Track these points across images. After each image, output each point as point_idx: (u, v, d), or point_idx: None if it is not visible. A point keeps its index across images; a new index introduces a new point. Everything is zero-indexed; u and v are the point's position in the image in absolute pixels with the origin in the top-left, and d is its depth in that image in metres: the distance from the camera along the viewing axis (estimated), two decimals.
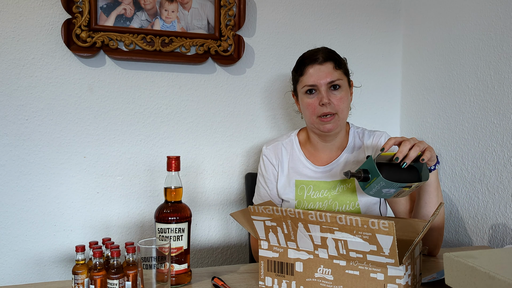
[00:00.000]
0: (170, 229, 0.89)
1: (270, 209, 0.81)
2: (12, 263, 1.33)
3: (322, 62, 1.13)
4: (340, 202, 1.16)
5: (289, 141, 1.26)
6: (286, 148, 1.25)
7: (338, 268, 0.80)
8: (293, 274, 0.84)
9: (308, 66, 1.14)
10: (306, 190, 1.19)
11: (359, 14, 1.66)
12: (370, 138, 1.22)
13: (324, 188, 1.18)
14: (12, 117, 1.31)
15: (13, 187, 1.32)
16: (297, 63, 1.19)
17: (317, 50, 1.17)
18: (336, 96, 1.13)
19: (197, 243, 1.52)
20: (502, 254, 0.77)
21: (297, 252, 0.84)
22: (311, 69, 1.14)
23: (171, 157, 0.92)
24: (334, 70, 1.13)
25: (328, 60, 1.13)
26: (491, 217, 1.29)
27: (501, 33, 1.26)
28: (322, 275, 0.81)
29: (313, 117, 1.15)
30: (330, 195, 1.17)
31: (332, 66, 1.13)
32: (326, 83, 1.12)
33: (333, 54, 1.16)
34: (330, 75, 1.12)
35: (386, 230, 0.71)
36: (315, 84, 1.13)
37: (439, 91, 1.51)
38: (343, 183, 1.18)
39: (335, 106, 1.12)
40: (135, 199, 1.44)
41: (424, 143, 0.95)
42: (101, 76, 1.39)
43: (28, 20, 1.31)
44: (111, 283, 0.82)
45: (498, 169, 1.27)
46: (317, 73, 1.13)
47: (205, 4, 1.44)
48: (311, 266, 0.82)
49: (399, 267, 0.74)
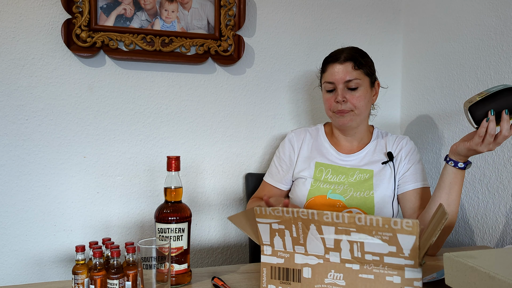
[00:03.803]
0: (170, 229, 0.89)
1: (279, 211, 0.76)
2: (12, 263, 1.33)
3: (343, 61, 1.19)
4: (356, 189, 1.20)
5: (315, 129, 1.34)
6: (311, 134, 1.33)
7: (350, 272, 0.76)
8: (300, 281, 0.80)
9: (329, 64, 1.21)
10: (325, 173, 1.24)
11: (359, 14, 1.66)
12: (393, 138, 1.28)
13: (342, 173, 1.23)
14: (12, 117, 1.31)
15: (13, 187, 1.32)
16: (323, 61, 1.27)
17: (343, 49, 1.23)
18: (353, 95, 1.19)
19: (197, 243, 1.52)
20: (502, 254, 0.77)
21: (305, 257, 0.79)
22: (331, 67, 1.21)
23: (171, 157, 0.92)
24: (353, 69, 1.18)
25: (348, 60, 1.19)
26: (491, 217, 1.29)
27: (501, 33, 1.26)
28: (333, 280, 0.77)
29: (329, 112, 1.24)
30: (347, 181, 1.21)
31: (351, 65, 1.18)
32: (342, 82, 1.18)
33: (356, 55, 1.21)
34: (348, 74, 1.18)
35: (410, 230, 0.68)
36: (332, 82, 1.20)
37: (439, 91, 1.51)
38: (362, 173, 1.22)
39: (351, 104, 1.19)
40: (135, 199, 1.44)
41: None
42: (101, 76, 1.39)
43: (28, 20, 1.31)
44: (111, 283, 0.82)
45: (498, 169, 1.27)
46: (335, 72, 1.19)
47: (205, 4, 1.44)
48: (321, 271, 0.78)
49: (417, 269, 0.72)
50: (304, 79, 1.61)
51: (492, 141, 0.95)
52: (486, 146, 0.96)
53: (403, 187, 1.21)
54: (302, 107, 1.62)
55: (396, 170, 1.22)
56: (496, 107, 0.93)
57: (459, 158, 1.04)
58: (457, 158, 1.04)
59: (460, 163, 1.04)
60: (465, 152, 1.01)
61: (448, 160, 1.05)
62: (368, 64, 1.22)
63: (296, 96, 1.60)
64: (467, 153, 1.01)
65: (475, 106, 0.95)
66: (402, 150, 1.24)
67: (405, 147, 1.25)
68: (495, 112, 0.93)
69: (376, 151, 1.26)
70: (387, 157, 1.23)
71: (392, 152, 1.24)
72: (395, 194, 1.21)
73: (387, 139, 1.28)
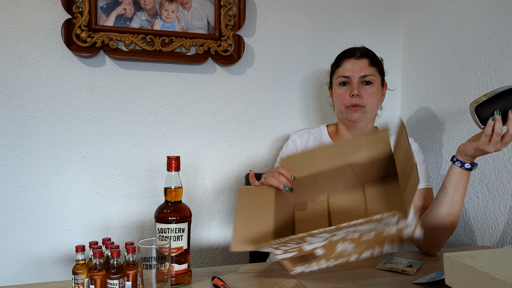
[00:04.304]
0: (170, 229, 0.89)
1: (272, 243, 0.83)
2: (12, 263, 1.33)
3: (359, 57, 1.22)
4: None
5: (318, 130, 1.35)
6: (314, 135, 1.34)
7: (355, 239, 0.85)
8: (317, 258, 0.89)
9: (345, 60, 1.24)
10: None
11: (359, 14, 1.66)
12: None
13: None
14: (12, 117, 1.31)
15: (13, 187, 1.32)
16: (336, 57, 1.28)
17: (357, 47, 1.26)
18: (367, 91, 1.21)
19: (197, 243, 1.52)
20: (502, 254, 0.78)
21: (311, 245, 0.86)
22: (347, 62, 1.23)
23: (171, 157, 0.92)
24: (369, 66, 1.21)
25: (364, 56, 1.22)
26: (491, 217, 1.29)
27: (501, 33, 1.26)
28: (343, 247, 0.87)
29: (342, 107, 1.23)
30: None
31: (367, 62, 1.21)
32: (359, 76, 1.20)
33: (371, 53, 1.24)
34: (364, 70, 1.20)
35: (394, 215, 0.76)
36: (348, 76, 1.21)
37: (439, 91, 1.51)
38: None
39: (365, 99, 1.20)
40: (135, 199, 1.44)
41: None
42: (101, 76, 1.39)
43: (28, 20, 1.31)
44: (111, 283, 0.81)
45: (498, 169, 1.27)
46: (352, 66, 1.21)
47: (205, 4, 1.44)
48: (331, 246, 0.86)
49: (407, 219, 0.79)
50: (304, 79, 1.61)
51: (499, 141, 0.95)
52: (493, 145, 0.96)
53: None
54: (302, 107, 1.62)
55: None
56: (502, 107, 0.94)
57: (466, 159, 1.03)
58: (464, 158, 1.03)
59: (467, 164, 1.03)
60: (472, 152, 1.01)
61: (455, 160, 1.05)
62: (381, 64, 1.26)
63: (296, 96, 1.60)
64: (474, 153, 1.00)
65: (481, 106, 0.96)
66: None
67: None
68: (501, 112, 0.94)
69: None
70: None
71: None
72: None
73: (391, 139, 1.28)
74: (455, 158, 1.05)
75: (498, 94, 0.95)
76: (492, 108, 0.95)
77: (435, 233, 1.09)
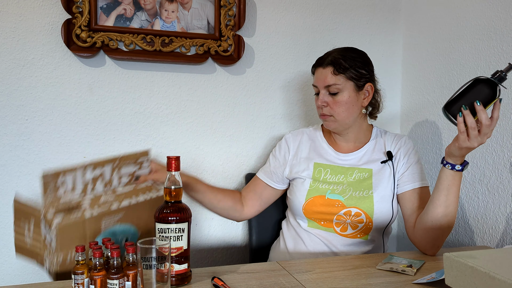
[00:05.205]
0: (170, 229, 0.89)
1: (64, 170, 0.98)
2: (12, 263, 1.33)
3: (325, 66, 1.19)
4: (355, 188, 1.20)
5: (312, 130, 1.35)
6: (308, 135, 1.33)
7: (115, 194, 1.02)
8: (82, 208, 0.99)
9: (316, 68, 1.23)
10: (324, 173, 1.24)
11: (359, 14, 1.66)
12: (392, 137, 1.28)
13: (341, 173, 1.23)
14: (12, 117, 1.31)
15: (13, 187, 1.32)
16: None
17: (330, 52, 1.22)
18: (332, 100, 1.19)
19: (197, 243, 1.52)
20: (502, 254, 0.78)
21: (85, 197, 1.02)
22: (316, 71, 1.23)
23: (171, 157, 0.92)
24: (333, 75, 1.17)
25: (330, 64, 1.18)
26: (491, 217, 1.29)
27: (501, 33, 1.26)
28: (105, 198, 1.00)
29: (318, 114, 1.24)
30: (346, 180, 1.22)
31: (331, 70, 1.17)
32: (323, 87, 1.19)
33: (340, 59, 1.17)
34: (327, 80, 1.18)
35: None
36: (316, 86, 1.22)
37: (439, 91, 1.51)
38: (361, 172, 1.22)
39: (330, 109, 1.19)
40: None
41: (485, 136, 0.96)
42: (101, 76, 1.39)
43: (28, 20, 1.31)
44: (111, 283, 0.82)
45: (498, 169, 1.27)
46: (319, 76, 1.21)
47: (205, 4, 1.44)
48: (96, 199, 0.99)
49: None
50: (304, 79, 1.61)
51: (478, 134, 0.94)
52: (474, 140, 0.95)
53: (402, 187, 1.20)
54: (303, 107, 1.62)
55: (395, 169, 1.22)
56: (468, 102, 0.95)
57: (455, 160, 1.02)
58: (453, 160, 1.03)
59: (457, 166, 1.03)
60: (458, 152, 0.99)
61: (445, 163, 1.04)
62: (355, 67, 1.17)
63: (296, 96, 1.60)
64: (460, 152, 0.99)
65: (449, 106, 0.98)
66: (401, 149, 1.24)
67: (403, 146, 1.24)
68: (469, 106, 0.95)
69: (376, 150, 1.26)
70: (386, 156, 1.23)
71: (391, 151, 1.23)
72: (394, 194, 1.21)
73: (386, 138, 1.28)
74: (445, 161, 1.04)
75: (463, 90, 0.96)
76: (459, 105, 0.96)
77: (432, 234, 1.09)
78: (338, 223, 1.19)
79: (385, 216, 1.19)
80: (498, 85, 0.94)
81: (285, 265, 1.04)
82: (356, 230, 1.19)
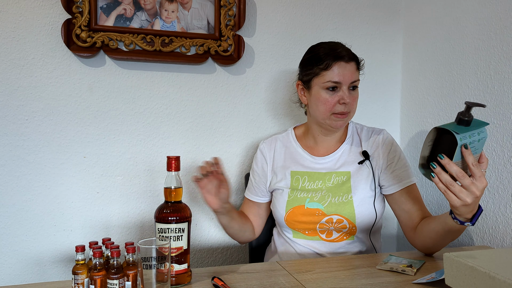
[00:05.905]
0: (170, 229, 0.89)
1: None
2: (12, 263, 1.33)
3: (348, 60, 1.12)
4: (334, 194, 1.17)
5: (285, 135, 1.31)
6: (282, 141, 1.29)
7: None
8: None
9: (334, 62, 1.11)
10: (301, 181, 1.21)
11: (359, 14, 1.66)
12: (369, 133, 1.23)
13: (319, 179, 1.20)
14: (12, 117, 1.31)
15: (13, 187, 1.32)
16: (319, 55, 1.13)
17: (336, 44, 1.15)
18: (353, 96, 1.15)
19: (197, 243, 1.52)
20: (502, 254, 0.78)
21: None
22: (337, 66, 1.11)
23: (171, 157, 0.92)
24: (356, 70, 1.15)
25: (352, 59, 1.14)
26: (491, 217, 1.29)
27: (501, 33, 1.26)
28: None
29: (327, 113, 1.14)
30: (324, 186, 1.18)
31: (355, 66, 1.15)
32: (349, 83, 1.12)
33: (354, 54, 1.16)
34: (353, 76, 1.13)
35: None
36: (339, 82, 1.11)
37: (439, 91, 1.51)
38: (338, 176, 1.19)
39: (351, 106, 1.14)
40: (135, 199, 1.44)
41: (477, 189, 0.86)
42: (101, 76, 1.39)
43: (28, 20, 1.31)
44: (111, 283, 0.82)
45: (498, 169, 1.27)
46: (343, 71, 1.11)
47: (205, 4, 1.44)
48: None
49: None
50: None
51: (463, 189, 0.86)
52: (465, 195, 0.86)
53: (387, 188, 1.16)
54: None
55: (374, 168, 1.18)
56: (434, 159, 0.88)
57: (464, 219, 0.93)
58: (462, 218, 0.93)
59: (467, 223, 0.93)
60: (459, 211, 0.90)
61: (454, 217, 0.94)
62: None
63: (296, 96, 1.60)
64: (460, 212, 0.90)
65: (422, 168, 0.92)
66: (379, 147, 1.19)
67: (382, 146, 1.19)
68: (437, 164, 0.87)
69: (352, 151, 1.21)
70: (363, 156, 1.19)
71: (367, 151, 1.19)
72: (376, 193, 1.17)
73: (362, 135, 1.23)
74: (453, 215, 0.94)
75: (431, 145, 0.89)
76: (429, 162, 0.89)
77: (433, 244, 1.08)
78: (322, 230, 1.17)
79: (368, 219, 1.15)
80: (452, 132, 0.84)
81: (285, 265, 1.04)
82: (341, 233, 1.17)
